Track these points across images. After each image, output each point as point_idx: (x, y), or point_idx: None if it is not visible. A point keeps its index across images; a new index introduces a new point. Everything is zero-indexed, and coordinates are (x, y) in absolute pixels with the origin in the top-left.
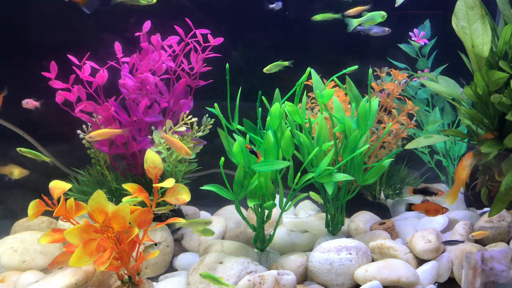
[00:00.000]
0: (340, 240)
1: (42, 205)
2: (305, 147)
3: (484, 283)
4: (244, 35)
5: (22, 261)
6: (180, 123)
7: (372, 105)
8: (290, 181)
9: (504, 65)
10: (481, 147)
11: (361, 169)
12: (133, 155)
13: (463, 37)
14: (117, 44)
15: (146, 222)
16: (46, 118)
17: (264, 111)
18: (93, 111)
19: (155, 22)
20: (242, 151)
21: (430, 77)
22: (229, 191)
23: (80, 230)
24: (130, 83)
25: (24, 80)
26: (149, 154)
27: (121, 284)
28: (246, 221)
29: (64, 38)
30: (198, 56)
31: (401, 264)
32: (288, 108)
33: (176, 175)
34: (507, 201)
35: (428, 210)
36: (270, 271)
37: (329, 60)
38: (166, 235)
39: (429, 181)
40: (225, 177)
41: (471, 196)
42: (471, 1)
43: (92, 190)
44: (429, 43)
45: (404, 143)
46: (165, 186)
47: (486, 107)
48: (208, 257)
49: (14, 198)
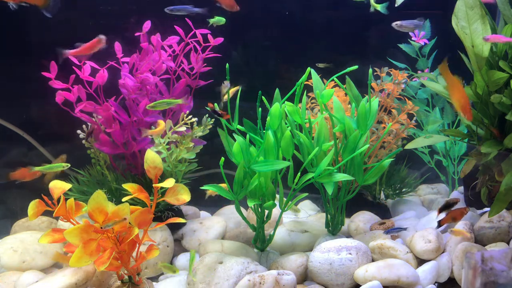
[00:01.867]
0: (340, 240)
1: (42, 205)
2: (305, 147)
3: (484, 283)
4: (244, 35)
5: (22, 261)
6: (180, 123)
7: (372, 105)
8: (290, 181)
9: (504, 65)
10: (481, 147)
11: (361, 169)
12: (133, 155)
13: (463, 37)
14: (117, 44)
15: (146, 222)
16: (46, 118)
17: (264, 111)
18: (93, 111)
19: (155, 22)
20: (242, 151)
21: (430, 77)
22: (229, 191)
23: (80, 230)
24: (130, 83)
25: (24, 80)
26: (149, 154)
27: (121, 284)
28: (246, 221)
29: (64, 38)
30: (198, 56)
31: (401, 264)
32: (288, 108)
33: (176, 175)
34: (507, 201)
35: (455, 217)
36: (270, 271)
37: (329, 60)
38: (166, 235)
39: (429, 181)
40: (225, 177)
41: (471, 196)
42: (471, 1)
43: (92, 190)
44: (429, 43)
45: (404, 143)
46: (165, 186)
47: (486, 107)
48: (208, 257)
49: (14, 198)
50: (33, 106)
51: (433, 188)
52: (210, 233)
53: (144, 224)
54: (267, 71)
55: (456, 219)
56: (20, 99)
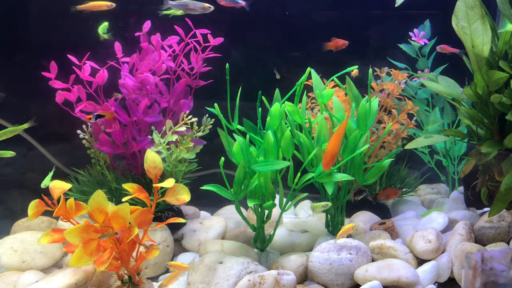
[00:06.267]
0: (340, 240)
1: (42, 205)
2: (305, 147)
3: (484, 283)
4: (244, 35)
5: (22, 261)
6: (180, 123)
7: (372, 105)
8: (290, 181)
9: (504, 65)
10: (481, 147)
11: (361, 169)
12: (133, 155)
13: (463, 37)
14: (117, 44)
15: (146, 222)
16: (46, 118)
17: (264, 111)
18: (93, 111)
19: (155, 22)
20: (242, 151)
21: (430, 77)
22: (229, 191)
23: (80, 230)
24: (130, 83)
25: (24, 80)
26: (149, 154)
27: (121, 284)
28: (246, 221)
29: (64, 38)
30: (198, 56)
31: (401, 264)
32: (288, 108)
33: (176, 175)
34: (507, 201)
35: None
36: (270, 271)
37: (329, 60)
38: (166, 235)
39: (429, 181)
40: (225, 177)
41: (471, 196)
42: (471, 1)
43: (92, 190)
44: (429, 43)
45: (404, 143)
46: (165, 186)
47: (486, 107)
48: (208, 257)
49: (14, 198)
50: (33, 106)
51: (433, 188)
52: (210, 233)
53: (144, 224)
54: (267, 71)
55: (389, 197)
56: (19, 99)
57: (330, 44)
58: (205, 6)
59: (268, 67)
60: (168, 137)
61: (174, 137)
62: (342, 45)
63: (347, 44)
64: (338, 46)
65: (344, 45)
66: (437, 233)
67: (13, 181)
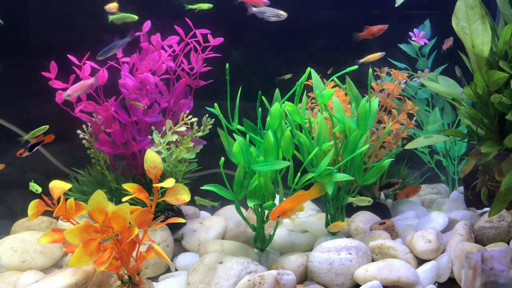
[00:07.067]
0: (340, 240)
1: (42, 205)
2: (305, 147)
3: (484, 283)
4: (244, 35)
5: (22, 261)
6: (180, 123)
7: (372, 105)
8: (290, 181)
9: (504, 65)
10: (481, 147)
11: (361, 169)
12: (133, 155)
13: (463, 37)
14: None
15: (146, 222)
16: (46, 118)
17: (264, 111)
18: (93, 111)
19: (155, 22)
20: (242, 151)
21: (430, 77)
22: (229, 191)
23: (80, 230)
24: (130, 83)
25: (24, 80)
26: (149, 154)
27: (121, 284)
28: (246, 221)
29: (64, 38)
30: (198, 56)
31: (401, 264)
32: (288, 108)
33: (176, 175)
34: (507, 201)
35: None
36: (270, 271)
37: (329, 60)
38: (166, 235)
39: (429, 181)
40: (225, 177)
41: (471, 196)
42: (471, 1)
43: (92, 190)
44: (429, 43)
45: (404, 143)
46: (165, 186)
47: (486, 107)
48: (208, 257)
49: (14, 198)
50: (33, 106)
51: (433, 188)
52: (210, 233)
53: (144, 224)
54: (267, 71)
55: (408, 196)
56: (19, 99)
57: (363, 33)
58: (280, 13)
59: (268, 67)
60: (168, 137)
61: (174, 137)
62: (379, 31)
63: (384, 28)
64: (374, 33)
65: (381, 30)
66: (437, 233)
67: (13, 181)
